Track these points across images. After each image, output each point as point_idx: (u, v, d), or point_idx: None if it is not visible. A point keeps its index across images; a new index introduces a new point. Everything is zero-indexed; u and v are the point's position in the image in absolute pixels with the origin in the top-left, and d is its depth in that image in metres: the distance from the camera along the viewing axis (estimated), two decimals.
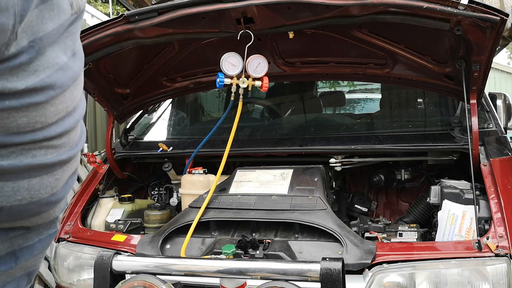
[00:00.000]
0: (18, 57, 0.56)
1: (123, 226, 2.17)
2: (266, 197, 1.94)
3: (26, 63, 0.57)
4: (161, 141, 2.59)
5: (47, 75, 0.59)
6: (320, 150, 2.24)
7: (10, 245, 0.65)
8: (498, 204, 1.74)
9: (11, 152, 0.58)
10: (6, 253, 0.64)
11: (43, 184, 0.64)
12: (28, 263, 0.69)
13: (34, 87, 0.58)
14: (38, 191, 0.63)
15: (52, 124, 0.62)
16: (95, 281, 1.50)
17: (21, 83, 0.56)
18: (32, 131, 0.59)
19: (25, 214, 0.64)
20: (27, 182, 0.61)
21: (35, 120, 0.59)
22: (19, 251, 0.66)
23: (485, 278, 1.55)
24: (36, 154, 0.61)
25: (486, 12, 1.57)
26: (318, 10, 1.75)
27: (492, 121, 2.35)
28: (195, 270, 1.47)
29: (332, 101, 3.52)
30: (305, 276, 1.34)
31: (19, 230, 0.65)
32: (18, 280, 0.68)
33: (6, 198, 0.60)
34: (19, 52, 0.56)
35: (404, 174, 2.40)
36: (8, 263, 0.65)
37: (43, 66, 0.59)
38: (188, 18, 1.81)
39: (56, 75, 0.61)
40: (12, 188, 0.60)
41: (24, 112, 0.58)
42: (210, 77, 2.43)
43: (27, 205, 0.62)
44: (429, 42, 1.97)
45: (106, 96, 2.37)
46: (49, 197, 0.66)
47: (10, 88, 0.55)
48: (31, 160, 0.60)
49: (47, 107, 0.61)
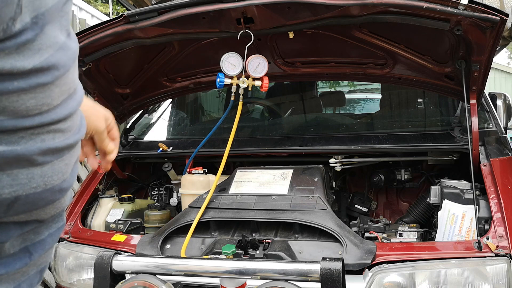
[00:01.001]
0: (24, 34, 0.55)
1: (123, 226, 2.17)
2: (266, 197, 1.94)
3: (31, 40, 0.56)
4: (161, 141, 2.59)
5: (50, 54, 0.59)
6: (320, 150, 2.24)
7: (22, 240, 0.65)
8: (498, 204, 1.74)
9: (21, 138, 0.58)
10: (20, 249, 0.64)
11: (55, 169, 0.64)
12: (40, 259, 0.69)
13: (40, 67, 0.57)
14: (51, 177, 0.63)
15: (57, 107, 0.62)
16: (95, 281, 1.50)
17: (27, 62, 0.56)
18: (39, 114, 0.59)
19: (40, 203, 0.63)
20: (40, 168, 0.61)
21: (42, 102, 0.59)
22: (31, 247, 0.66)
23: (485, 278, 1.55)
24: (44, 138, 0.61)
25: (486, 12, 1.57)
26: (318, 10, 1.75)
27: (492, 121, 2.35)
28: (195, 270, 1.47)
29: (332, 101, 3.52)
30: (305, 276, 1.35)
31: (32, 224, 0.65)
32: (31, 278, 0.68)
33: (22, 186, 0.59)
34: (24, 28, 0.55)
35: (404, 174, 2.40)
36: (22, 259, 0.65)
37: (45, 45, 0.58)
38: (188, 18, 1.81)
39: (59, 54, 0.61)
40: (26, 176, 0.60)
41: (32, 93, 0.57)
42: (210, 77, 2.43)
43: (42, 193, 0.62)
44: (429, 42, 1.97)
45: (106, 96, 2.37)
46: (61, 183, 0.66)
47: (19, 67, 0.55)
48: (41, 144, 0.60)
49: (52, 88, 0.60)
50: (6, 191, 0.58)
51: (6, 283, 0.63)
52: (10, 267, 0.63)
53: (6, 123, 0.56)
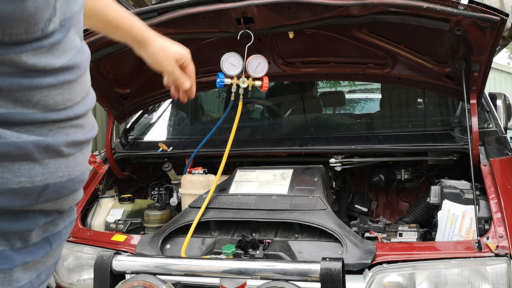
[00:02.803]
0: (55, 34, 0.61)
1: (123, 226, 2.17)
2: (266, 197, 1.94)
3: (59, 42, 0.62)
4: (161, 141, 2.59)
5: (72, 55, 0.65)
6: (320, 150, 2.24)
7: (44, 231, 0.71)
8: (498, 204, 1.74)
9: (49, 130, 0.64)
10: (42, 239, 0.71)
11: (77, 161, 0.71)
12: (57, 249, 0.75)
13: (67, 66, 0.64)
14: (74, 168, 0.70)
15: (78, 103, 0.69)
16: (95, 281, 1.50)
17: (57, 60, 0.62)
18: (65, 109, 0.66)
19: (65, 192, 0.70)
20: (65, 159, 0.68)
21: (67, 97, 0.66)
22: (51, 237, 0.73)
23: (485, 278, 1.55)
24: (68, 132, 0.67)
25: (486, 12, 1.57)
26: (318, 10, 1.75)
27: (492, 121, 2.35)
28: (195, 270, 1.47)
29: (332, 101, 3.52)
30: (305, 276, 1.34)
31: (53, 215, 0.71)
32: (49, 268, 0.74)
33: (51, 175, 0.66)
34: (55, 30, 0.61)
35: (404, 174, 2.40)
36: (44, 248, 0.71)
37: (68, 47, 0.65)
38: (188, 18, 1.81)
39: (79, 56, 0.68)
40: (54, 165, 0.66)
41: (59, 89, 0.64)
42: (210, 77, 2.43)
43: (66, 182, 0.69)
44: (429, 42, 1.97)
45: (106, 96, 2.37)
46: (81, 174, 0.73)
47: (51, 65, 0.61)
48: (66, 137, 0.67)
49: (75, 86, 0.67)
50: (38, 179, 0.64)
51: (31, 271, 0.69)
52: (35, 255, 0.69)
53: (38, 115, 0.62)
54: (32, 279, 0.69)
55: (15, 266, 0.66)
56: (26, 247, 0.68)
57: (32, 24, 0.57)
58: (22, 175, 0.63)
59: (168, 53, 1.14)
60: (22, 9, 0.55)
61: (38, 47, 0.59)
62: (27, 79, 0.60)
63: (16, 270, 0.66)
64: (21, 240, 0.67)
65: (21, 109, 0.60)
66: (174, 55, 1.14)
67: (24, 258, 0.67)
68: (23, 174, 0.63)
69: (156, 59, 1.15)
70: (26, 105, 0.61)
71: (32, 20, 0.57)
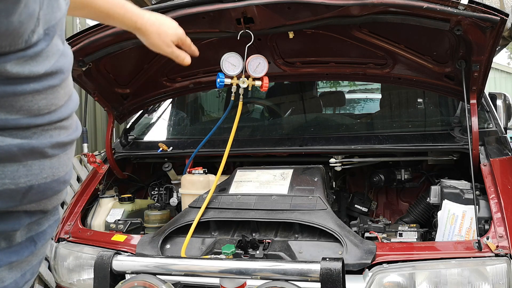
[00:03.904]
0: (39, 44, 0.63)
1: (123, 226, 2.17)
2: (266, 197, 1.94)
3: (43, 49, 0.64)
4: (161, 141, 2.59)
5: (55, 60, 0.67)
6: (320, 150, 2.24)
7: (28, 231, 0.72)
8: (498, 204, 1.74)
9: (34, 133, 0.65)
10: (26, 238, 0.72)
11: (61, 162, 0.72)
12: (42, 249, 0.76)
13: (50, 71, 0.66)
14: (58, 169, 0.71)
15: (62, 106, 0.70)
16: (95, 281, 1.50)
17: (40, 67, 0.64)
18: (49, 113, 0.67)
19: (49, 193, 0.71)
20: (49, 160, 0.69)
21: (51, 102, 0.67)
22: (36, 236, 0.74)
23: (485, 278, 1.55)
24: (52, 134, 0.69)
25: (486, 12, 1.57)
26: (318, 10, 1.75)
27: (492, 121, 2.35)
28: (195, 270, 1.47)
29: (332, 101, 3.52)
30: (305, 276, 1.34)
31: (38, 215, 0.72)
32: (34, 267, 0.75)
33: (35, 176, 0.67)
34: (39, 39, 0.63)
35: (404, 174, 2.40)
36: (29, 248, 0.72)
37: (51, 53, 0.66)
38: (188, 18, 1.81)
39: (62, 60, 0.69)
40: (38, 167, 0.67)
41: (43, 94, 0.65)
42: (210, 77, 2.43)
43: (50, 183, 0.70)
44: (429, 42, 1.97)
45: (106, 96, 2.37)
46: (65, 175, 0.74)
47: (34, 72, 0.63)
48: (50, 139, 0.68)
49: (59, 90, 0.69)
50: (22, 181, 0.65)
51: (16, 271, 0.70)
52: (20, 254, 0.70)
53: (22, 121, 0.63)
54: (17, 279, 0.70)
55: (0, 266, 0.67)
56: (11, 247, 0.69)
57: (16, 37, 0.59)
58: (6, 177, 0.64)
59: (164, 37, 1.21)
60: (7, 25, 0.56)
61: (21, 56, 0.61)
62: (11, 86, 0.61)
63: (1, 270, 0.67)
64: (5, 240, 0.68)
65: (5, 115, 0.61)
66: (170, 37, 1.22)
67: (9, 258, 0.68)
68: (7, 176, 0.64)
69: (154, 44, 1.21)
70: (10, 111, 0.61)
71: (17, 34, 0.58)
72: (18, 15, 0.57)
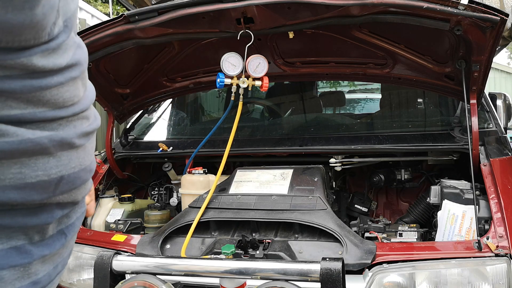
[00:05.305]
0: (60, 36, 0.64)
1: (123, 226, 2.17)
2: (266, 197, 1.94)
3: (63, 41, 0.65)
4: (161, 141, 2.59)
5: (73, 52, 0.69)
6: (320, 150, 2.24)
7: (58, 224, 0.74)
8: (498, 204, 1.74)
9: (59, 125, 0.68)
10: (57, 231, 0.74)
11: (86, 152, 0.75)
12: (71, 241, 0.79)
13: (71, 63, 0.67)
14: (84, 158, 0.74)
15: (82, 98, 0.72)
16: (95, 281, 1.50)
17: (62, 60, 0.65)
18: (72, 105, 0.69)
19: (78, 182, 0.73)
20: (76, 151, 0.72)
21: (73, 94, 0.69)
22: (66, 229, 0.76)
23: (485, 278, 1.55)
24: (76, 125, 0.71)
25: (486, 12, 1.57)
26: (318, 10, 1.75)
27: (492, 121, 2.35)
28: (195, 270, 1.47)
29: (332, 101, 3.52)
30: (305, 276, 1.34)
31: (69, 207, 0.75)
32: (64, 259, 0.79)
33: (64, 166, 0.69)
34: (59, 31, 0.64)
35: (404, 174, 2.40)
36: (60, 240, 0.74)
37: (69, 45, 0.68)
38: (188, 18, 1.81)
39: (79, 52, 0.71)
40: (67, 157, 0.69)
41: (67, 87, 0.67)
42: (210, 77, 2.43)
43: (79, 172, 0.73)
44: (429, 42, 1.97)
45: (106, 96, 2.37)
46: (90, 164, 0.77)
47: (57, 65, 0.64)
48: (75, 130, 0.71)
49: (79, 82, 0.71)
50: (53, 171, 0.67)
51: (48, 263, 0.72)
52: (52, 247, 0.72)
53: (49, 113, 0.65)
54: (49, 271, 0.73)
55: (34, 260, 0.69)
56: (44, 240, 0.71)
57: (40, 30, 0.60)
58: (39, 169, 0.65)
59: None
60: (31, 17, 0.57)
61: (45, 49, 0.62)
62: (37, 80, 0.62)
63: (34, 263, 0.69)
64: (39, 233, 0.70)
65: (32, 108, 0.63)
66: None
67: (42, 252, 0.70)
68: (39, 168, 0.65)
69: None
70: (37, 104, 0.64)
71: (40, 26, 0.60)
72: (42, 7, 0.58)
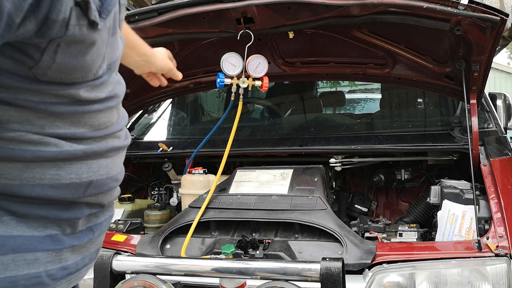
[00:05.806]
0: (103, 76, 0.82)
1: (123, 226, 2.17)
2: (266, 197, 1.94)
3: (106, 80, 0.83)
4: (161, 141, 2.59)
5: (113, 87, 0.86)
6: (320, 150, 2.24)
7: (88, 221, 0.87)
8: (498, 204, 1.74)
9: (94, 141, 0.83)
10: (86, 227, 0.87)
11: (114, 163, 0.89)
12: (99, 238, 0.92)
13: (110, 96, 0.84)
14: (111, 168, 0.88)
15: (115, 123, 0.88)
16: (95, 281, 1.50)
17: (103, 93, 0.82)
18: (105, 128, 0.85)
19: (104, 188, 0.87)
20: (105, 160, 0.86)
21: (108, 119, 0.85)
22: (94, 227, 0.89)
23: (485, 278, 1.55)
24: (108, 142, 0.86)
25: (486, 12, 1.57)
26: (318, 10, 1.75)
27: (492, 121, 2.35)
28: (195, 270, 1.47)
29: (332, 101, 3.52)
30: (305, 276, 1.34)
31: (96, 207, 0.88)
32: (92, 254, 0.92)
33: (94, 173, 0.83)
34: (103, 73, 0.81)
35: (404, 174, 2.40)
36: (88, 235, 0.88)
37: (111, 82, 0.85)
38: (188, 18, 1.81)
39: (118, 87, 0.89)
40: (96, 165, 0.84)
41: (103, 113, 0.83)
42: (210, 77, 2.43)
43: (105, 179, 0.86)
44: (429, 42, 1.97)
45: None
46: (117, 174, 0.91)
47: (99, 96, 0.81)
48: (106, 145, 0.86)
49: (114, 110, 0.88)
50: (84, 176, 0.81)
51: (76, 254, 0.86)
52: (80, 240, 0.86)
53: (86, 134, 0.81)
54: (77, 260, 0.87)
55: (64, 247, 0.82)
56: (74, 233, 0.84)
57: (88, 71, 0.76)
58: (72, 173, 0.79)
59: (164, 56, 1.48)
60: (82, 62, 0.73)
61: (90, 85, 0.78)
62: (81, 106, 0.78)
63: (65, 251, 0.82)
64: (70, 227, 0.83)
65: (74, 129, 0.78)
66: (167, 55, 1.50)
67: (72, 242, 0.83)
68: (73, 172, 0.79)
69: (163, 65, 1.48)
70: (78, 125, 0.79)
71: (88, 69, 0.76)
72: (91, 55, 0.74)
